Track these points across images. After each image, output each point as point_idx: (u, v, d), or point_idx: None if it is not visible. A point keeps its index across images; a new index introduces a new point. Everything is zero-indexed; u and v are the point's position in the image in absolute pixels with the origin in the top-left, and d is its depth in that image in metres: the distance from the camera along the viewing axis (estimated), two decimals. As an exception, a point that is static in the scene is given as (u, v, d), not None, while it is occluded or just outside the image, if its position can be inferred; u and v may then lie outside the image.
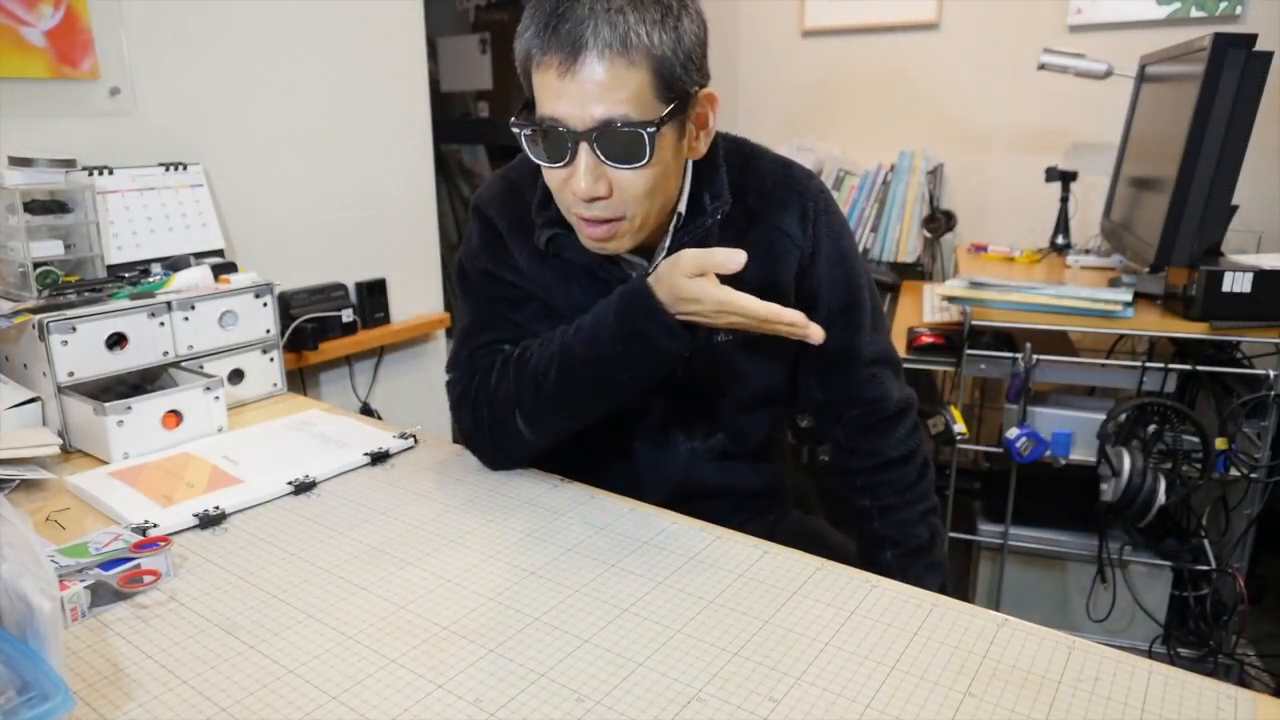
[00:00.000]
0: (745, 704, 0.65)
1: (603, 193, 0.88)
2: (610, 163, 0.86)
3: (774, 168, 1.06)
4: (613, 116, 0.84)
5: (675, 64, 0.85)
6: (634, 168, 0.86)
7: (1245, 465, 1.69)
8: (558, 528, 0.92)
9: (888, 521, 1.10)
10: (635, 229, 0.93)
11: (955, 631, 0.74)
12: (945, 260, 2.65)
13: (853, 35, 2.66)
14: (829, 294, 1.06)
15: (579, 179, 0.87)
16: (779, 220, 1.03)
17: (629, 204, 0.89)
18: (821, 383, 1.11)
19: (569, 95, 0.84)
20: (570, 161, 0.87)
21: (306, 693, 0.66)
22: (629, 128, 0.84)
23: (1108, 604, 1.88)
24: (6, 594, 0.62)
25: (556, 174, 0.90)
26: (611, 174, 0.87)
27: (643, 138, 0.84)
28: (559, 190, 0.92)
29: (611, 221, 0.91)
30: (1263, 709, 0.64)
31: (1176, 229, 1.61)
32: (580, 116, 0.84)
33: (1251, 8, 2.17)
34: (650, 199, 0.91)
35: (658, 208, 0.93)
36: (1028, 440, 1.78)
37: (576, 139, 0.85)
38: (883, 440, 1.11)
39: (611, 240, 0.93)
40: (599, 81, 0.82)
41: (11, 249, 1.22)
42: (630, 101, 0.83)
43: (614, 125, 0.84)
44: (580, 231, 0.94)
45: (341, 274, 1.92)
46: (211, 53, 1.62)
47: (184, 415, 1.18)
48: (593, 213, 0.90)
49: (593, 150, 0.85)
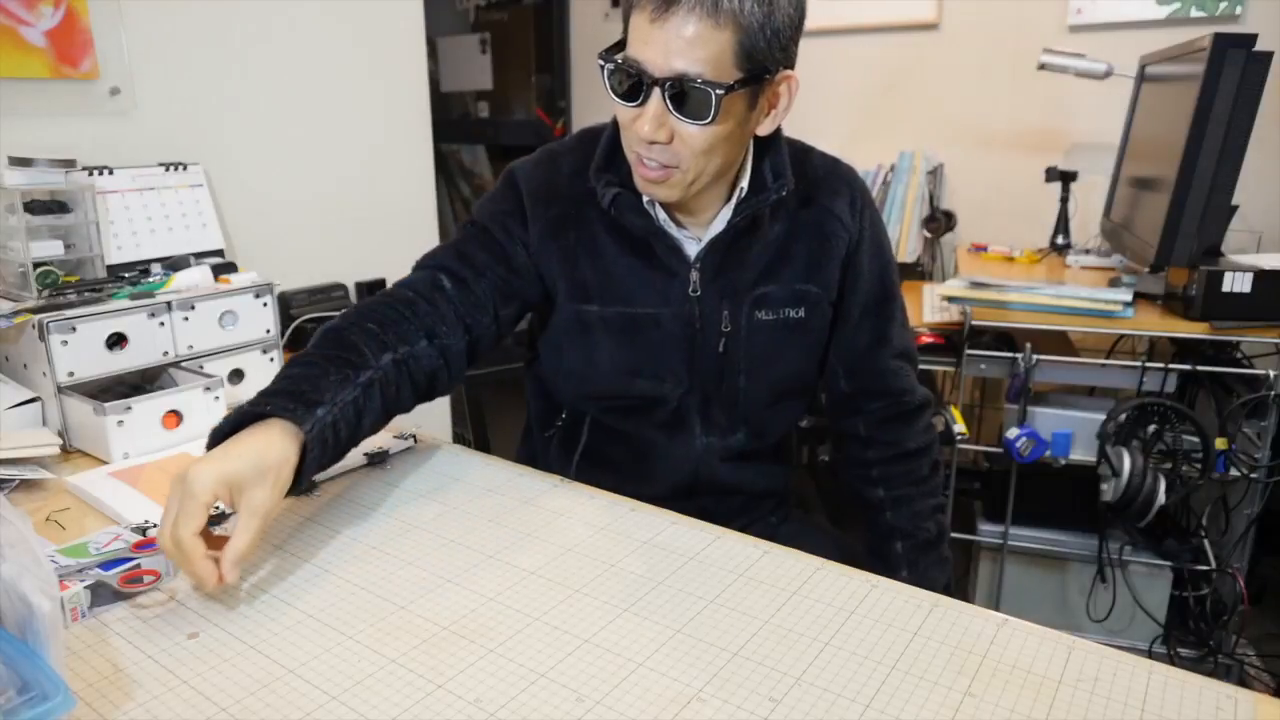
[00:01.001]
0: (745, 704, 0.65)
1: (663, 139, 0.91)
2: (676, 114, 0.90)
3: (824, 160, 1.11)
4: (688, 72, 0.87)
5: (760, 37, 0.88)
6: (697, 124, 0.90)
7: (1245, 465, 1.69)
8: (558, 528, 0.92)
9: (900, 513, 1.13)
10: (687, 182, 0.95)
11: (955, 631, 0.74)
12: (945, 260, 2.65)
13: (853, 35, 2.66)
14: (868, 284, 1.10)
15: (645, 121, 0.90)
16: (831, 204, 1.07)
17: (685, 157, 0.93)
18: (850, 373, 1.13)
19: (654, 42, 0.87)
20: (642, 104, 0.90)
21: (306, 693, 0.66)
22: (700, 86, 0.87)
23: (1108, 604, 1.88)
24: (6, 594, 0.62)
25: (627, 111, 0.93)
26: (675, 124, 0.91)
27: (710, 98, 0.87)
28: (626, 127, 0.95)
29: (667, 168, 0.94)
30: (1263, 709, 0.64)
31: (1176, 229, 1.61)
32: (659, 64, 0.87)
33: (1251, 8, 2.17)
34: (706, 158, 0.94)
35: (713, 169, 0.96)
36: (1028, 440, 1.78)
37: (651, 84, 0.89)
38: (903, 431, 1.14)
39: (661, 185, 0.96)
40: (683, 36, 0.86)
41: (11, 249, 1.22)
42: (708, 61, 0.86)
43: (687, 80, 0.87)
44: (635, 170, 0.97)
45: (341, 274, 1.92)
46: (211, 53, 1.62)
47: (184, 415, 1.18)
48: (651, 154, 0.93)
49: (663, 98, 0.89)
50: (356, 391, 0.90)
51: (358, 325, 0.96)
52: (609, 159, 1.04)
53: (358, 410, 0.90)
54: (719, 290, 1.05)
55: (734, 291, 1.05)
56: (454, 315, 1.02)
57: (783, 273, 1.06)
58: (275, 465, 0.79)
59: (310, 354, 0.93)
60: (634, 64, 0.89)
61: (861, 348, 1.11)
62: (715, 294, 1.05)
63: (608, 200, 1.01)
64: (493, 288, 1.04)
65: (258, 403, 0.83)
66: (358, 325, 0.96)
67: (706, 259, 1.04)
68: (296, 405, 0.83)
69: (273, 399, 0.84)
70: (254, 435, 0.80)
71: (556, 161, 1.07)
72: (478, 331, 1.04)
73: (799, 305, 1.06)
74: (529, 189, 1.06)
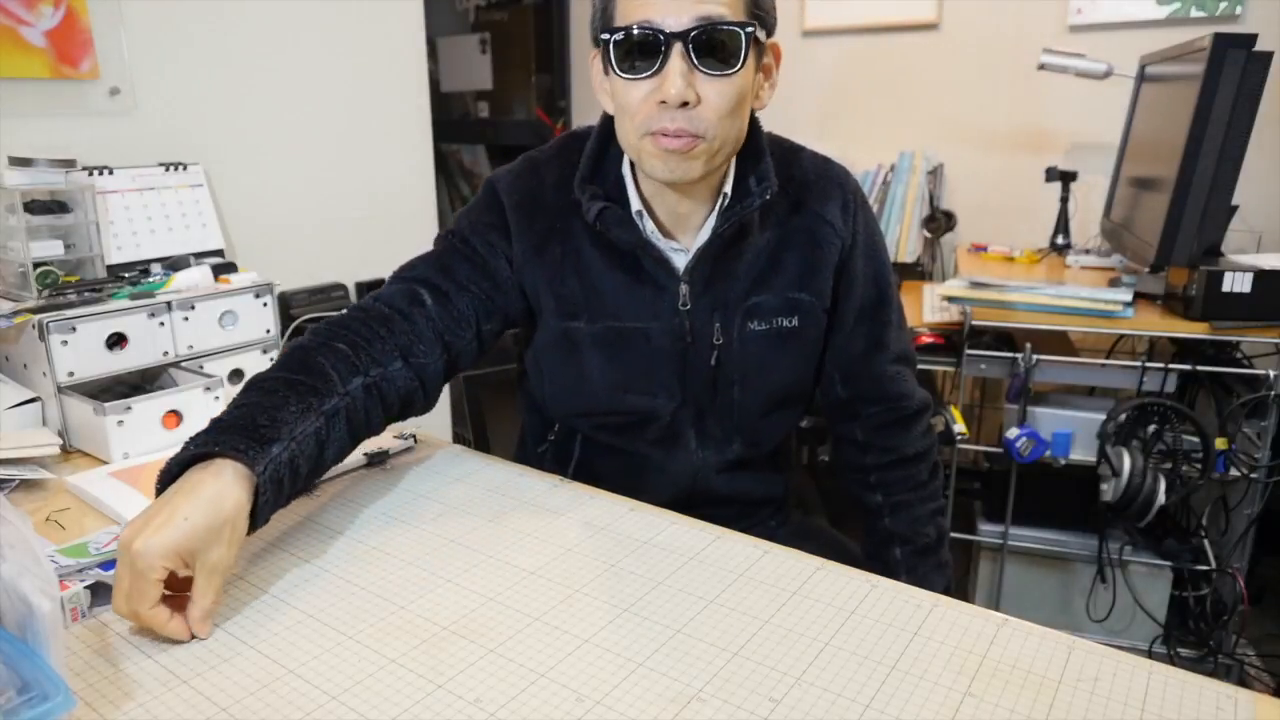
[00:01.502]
0: (745, 704, 0.65)
1: (693, 99, 0.86)
2: (702, 68, 0.86)
3: (814, 161, 1.07)
4: (711, 15, 0.84)
5: None
6: (726, 74, 0.86)
7: (1245, 465, 1.69)
8: (558, 528, 0.92)
9: (899, 518, 1.11)
10: (712, 152, 0.91)
11: (955, 631, 0.74)
12: (945, 260, 2.65)
13: (853, 35, 2.66)
14: (863, 288, 1.07)
15: (670, 83, 0.85)
16: (822, 209, 1.04)
17: (710, 122, 0.88)
18: (846, 379, 1.11)
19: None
20: (660, 68, 0.86)
21: (306, 693, 0.66)
22: (728, 25, 0.84)
23: (1108, 604, 1.88)
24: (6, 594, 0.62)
25: (638, 87, 0.88)
26: (700, 84, 0.86)
27: (740, 38, 0.85)
28: (637, 107, 0.89)
29: (694, 137, 0.89)
30: (1263, 709, 0.64)
31: (1176, 229, 1.61)
32: (677, 16, 0.84)
33: (1251, 8, 2.17)
34: (731, 120, 0.90)
35: (733, 137, 0.92)
36: (1028, 440, 1.78)
37: (670, 41, 0.84)
38: (901, 437, 1.12)
39: (687, 157, 0.90)
40: None
41: (11, 249, 1.22)
42: (726, 4, 0.84)
43: (713, 23, 0.84)
44: (651, 154, 0.91)
45: (341, 274, 1.92)
46: (211, 53, 1.62)
47: (184, 415, 1.18)
48: (677, 124, 0.87)
49: (686, 53, 0.85)
50: (319, 421, 0.84)
51: (328, 345, 0.91)
52: (594, 168, 1.00)
53: (319, 442, 0.85)
54: (709, 303, 1.02)
55: (725, 303, 1.02)
56: (433, 333, 0.98)
57: (774, 281, 1.03)
58: (229, 519, 0.73)
59: (272, 377, 0.87)
60: (647, 25, 0.85)
61: (857, 353, 1.09)
62: (706, 307, 1.02)
63: (593, 214, 0.97)
64: (475, 303, 1.01)
65: (207, 440, 0.77)
66: (328, 345, 0.91)
67: (695, 271, 1.00)
68: (249, 443, 0.77)
69: (224, 435, 0.77)
70: (204, 483, 0.74)
71: (539, 171, 1.03)
72: (457, 349, 1.00)
73: (792, 314, 1.04)
74: (512, 202, 1.02)
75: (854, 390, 1.11)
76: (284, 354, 0.91)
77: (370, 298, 1.00)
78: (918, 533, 1.11)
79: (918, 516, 1.12)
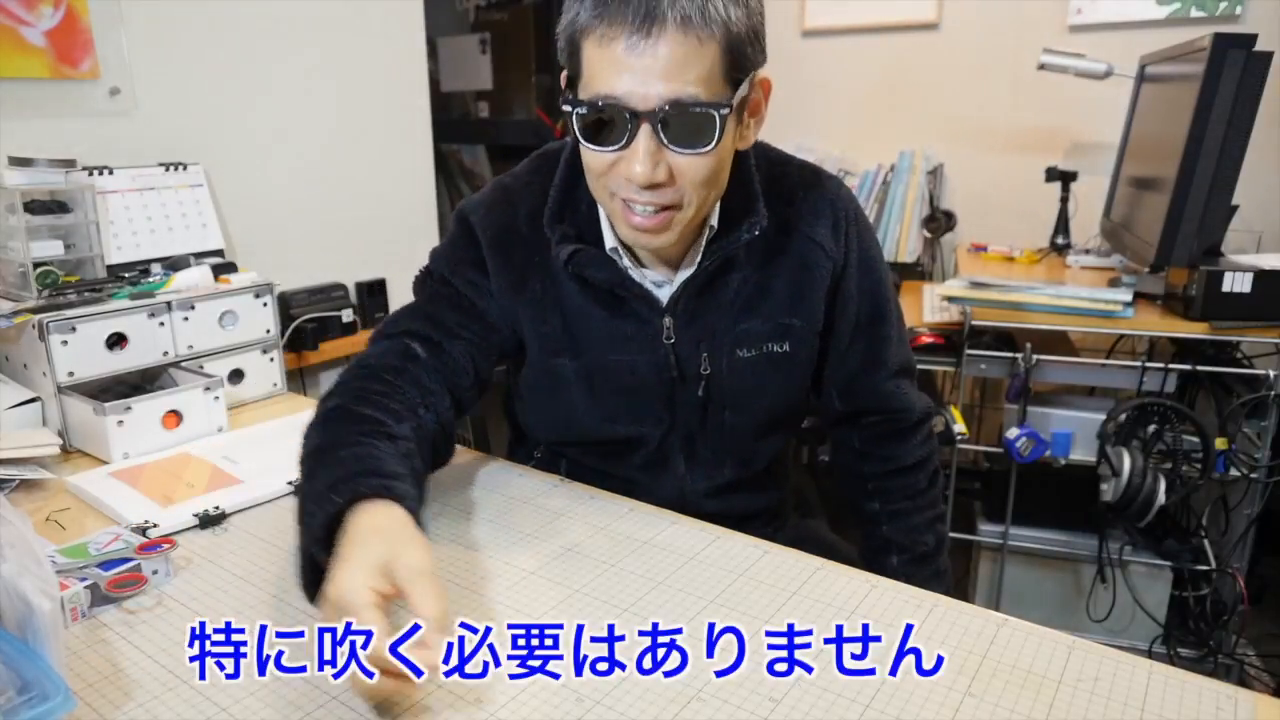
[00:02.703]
0: (745, 704, 0.65)
1: (662, 178, 0.81)
2: (673, 146, 0.79)
3: (802, 174, 1.01)
4: (682, 97, 0.77)
5: (745, 41, 0.79)
6: (698, 153, 0.80)
7: (1245, 465, 1.69)
8: (558, 528, 0.92)
9: (896, 526, 1.10)
10: (688, 219, 0.86)
11: (955, 631, 0.74)
12: (945, 260, 2.65)
13: (853, 35, 2.65)
14: (858, 306, 1.03)
15: (637, 164, 0.79)
16: (812, 231, 0.98)
17: (686, 192, 0.83)
18: (844, 394, 1.08)
19: (635, 71, 0.76)
20: (626, 145, 0.80)
21: (306, 693, 0.66)
22: (700, 109, 0.78)
23: (1108, 604, 1.88)
24: (6, 594, 0.62)
25: (602, 157, 0.82)
26: (671, 159, 0.81)
27: (714, 120, 0.78)
28: (603, 174, 0.84)
29: (667, 210, 0.84)
30: (1262, 709, 0.64)
31: (1176, 229, 1.61)
32: (644, 95, 0.77)
33: (1251, 8, 2.17)
34: (708, 187, 0.85)
35: (713, 198, 0.88)
36: (1028, 440, 1.78)
37: (638, 120, 0.78)
38: (900, 447, 1.10)
39: (663, 232, 0.86)
40: (672, 58, 0.75)
41: (11, 249, 1.22)
42: (701, 81, 0.77)
43: (683, 106, 0.77)
44: (622, 220, 0.86)
45: (341, 274, 1.92)
46: (211, 53, 1.62)
47: (184, 415, 1.18)
48: (645, 198, 0.82)
49: (655, 133, 0.78)
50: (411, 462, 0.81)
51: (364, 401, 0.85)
52: (562, 205, 0.94)
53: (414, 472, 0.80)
54: (695, 335, 0.97)
55: (712, 334, 0.97)
56: (438, 384, 0.93)
57: (763, 307, 0.98)
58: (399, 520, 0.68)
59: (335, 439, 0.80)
60: (610, 101, 0.78)
61: (854, 370, 1.06)
62: (691, 339, 0.97)
63: (564, 257, 0.92)
64: (469, 347, 0.96)
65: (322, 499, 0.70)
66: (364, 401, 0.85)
67: (679, 304, 0.96)
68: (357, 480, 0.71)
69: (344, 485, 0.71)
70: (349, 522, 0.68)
71: (512, 202, 0.97)
72: (459, 395, 0.96)
73: (783, 340, 0.99)
74: (487, 238, 0.96)
75: (852, 405, 1.09)
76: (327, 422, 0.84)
77: (358, 362, 0.93)
78: (915, 541, 1.09)
79: (915, 525, 1.09)
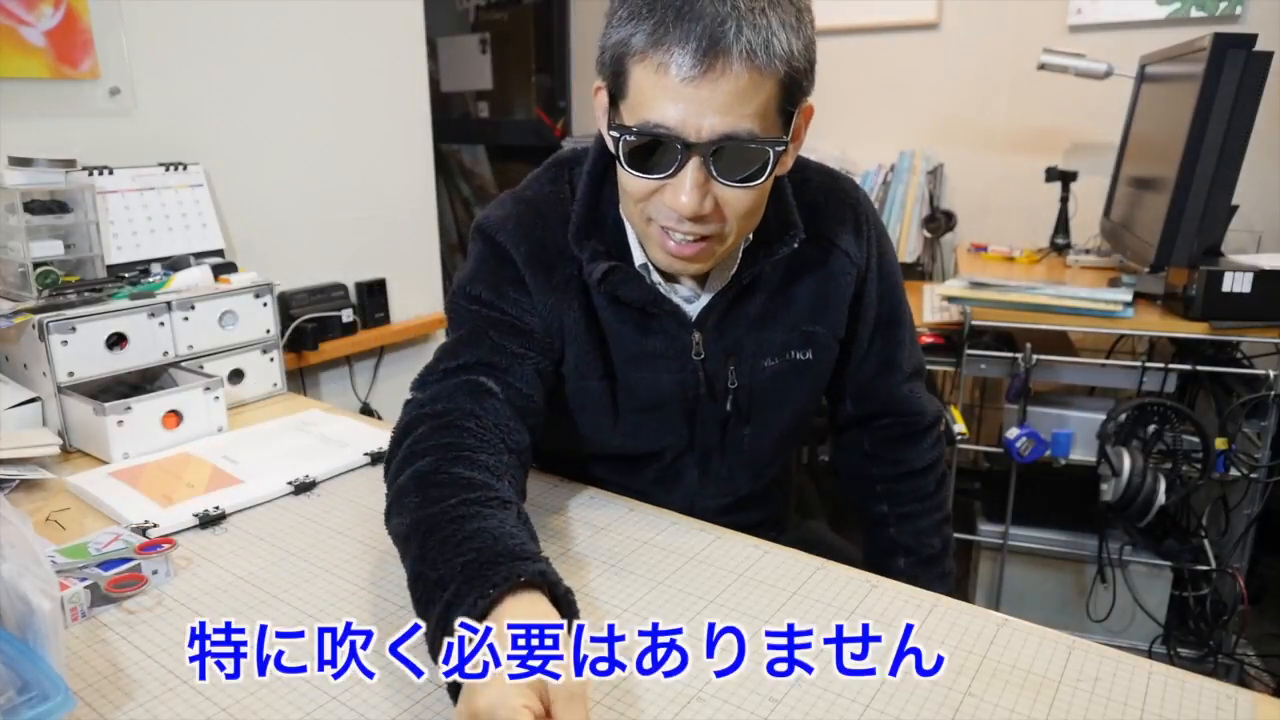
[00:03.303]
0: (745, 704, 0.65)
1: (708, 210, 0.78)
2: (722, 180, 0.76)
3: (821, 178, 0.99)
4: (738, 131, 0.73)
5: (803, 75, 0.76)
6: (747, 187, 0.77)
7: (1245, 465, 1.69)
8: (558, 528, 0.92)
9: (904, 529, 1.09)
10: (724, 248, 0.84)
11: (955, 631, 0.74)
12: (945, 260, 2.65)
13: (853, 35, 2.65)
14: (876, 311, 1.02)
15: (683, 194, 0.76)
16: (836, 238, 0.97)
17: (728, 224, 0.81)
18: (858, 398, 1.07)
19: (691, 101, 0.72)
20: (674, 174, 0.76)
21: (306, 693, 0.66)
22: (756, 144, 0.75)
23: (1108, 604, 1.88)
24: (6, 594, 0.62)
25: (645, 184, 0.78)
26: (718, 191, 0.78)
27: (768, 156, 0.76)
28: (643, 199, 0.80)
29: (706, 240, 0.81)
30: (1262, 709, 0.64)
31: (1176, 229, 1.61)
32: (699, 127, 0.73)
33: (1251, 8, 2.17)
34: (751, 218, 0.83)
35: (750, 227, 0.86)
36: (1028, 440, 1.78)
37: (690, 151, 0.75)
38: (911, 450, 1.09)
39: (701, 261, 0.83)
40: (732, 91, 0.72)
41: (11, 249, 1.22)
42: (757, 116, 0.74)
43: (739, 141, 0.74)
44: (657, 245, 0.83)
45: (341, 274, 1.92)
46: (211, 53, 1.62)
47: (184, 415, 1.18)
48: (688, 229, 0.79)
49: (705, 165, 0.75)
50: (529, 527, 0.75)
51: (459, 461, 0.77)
52: (588, 221, 0.90)
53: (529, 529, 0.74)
54: (723, 349, 0.95)
55: (740, 346, 0.95)
56: (514, 418, 0.86)
57: (785, 315, 0.96)
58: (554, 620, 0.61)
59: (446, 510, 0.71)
60: (664, 131, 0.74)
61: (870, 374, 1.05)
62: (720, 353, 0.95)
63: (598, 276, 0.88)
64: (533, 371, 0.90)
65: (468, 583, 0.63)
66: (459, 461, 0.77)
67: (709, 319, 0.93)
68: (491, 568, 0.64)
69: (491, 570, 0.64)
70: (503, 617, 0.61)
71: (538, 214, 0.92)
72: (531, 423, 0.89)
73: (806, 347, 0.97)
74: (522, 256, 0.91)
75: (865, 408, 1.08)
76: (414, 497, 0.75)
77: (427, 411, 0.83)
78: (923, 543, 1.09)
79: (923, 528, 1.09)
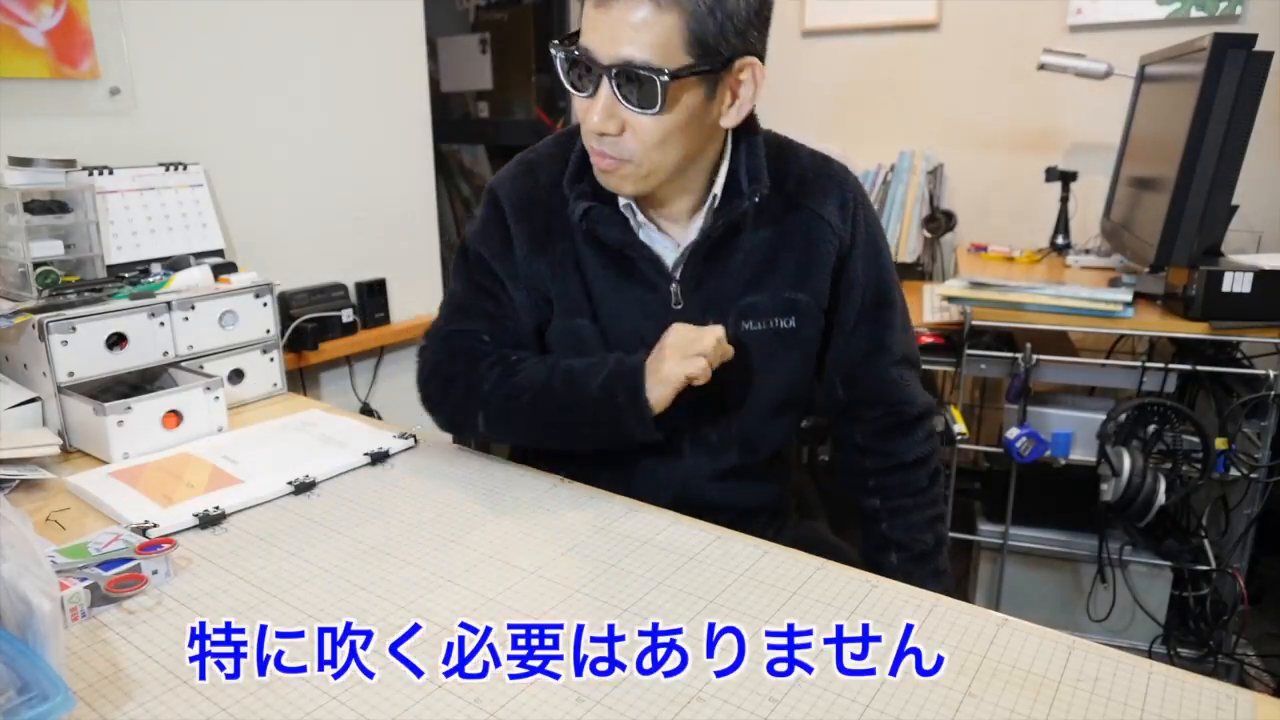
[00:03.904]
0: (745, 704, 0.65)
1: (612, 130, 0.89)
2: (625, 104, 0.87)
3: (812, 159, 1.06)
4: (634, 59, 0.84)
5: (710, 20, 0.85)
6: (647, 113, 0.87)
7: (1245, 465, 1.69)
8: (558, 528, 0.92)
9: (896, 524, 1.09)
10: (641, 175, 0.93)
11: (955, 631, 0.74)
12: (945, 260, 2.65)
13: (853, 35, 2.65)
14: (863, 289, 1.06)
15: (594, 112, 0.88)
16: (819, 208, 1.03)
17: (636, 150, 0.90)
18: (847, 382, 1.10)
19: (600, 27, 0.85)
20: (593, 94, 0.88)
21: (306, 693, 0.66)
22: (644, 71, 0.84)
23: (1108, 604, 1.88)
24: (6, 594, 0.62)
25: (581, 103, 0.91)
26: (625, 115, 0.88)
27: (655, 84, 0.85)
28: (581, 119, 0.92)
29: (621, 161, 0.91)
30: (1262, 709, 0.64)
31: (1176, 229, 1.61)
32: (606, 51, 0.85)
33: (1251, 8, 2.17)
34: (661, 151, 0.91)
35: (670, 162, 0.93)
36: (1028, 440, 1.78)
37: (600, 72, 0.86)
38: (902, 443, 1.10)
39: (614, 176, 0.93)
40: (626, 20, 0.84)
41: (11, 249, 1.22)
42: (654, 46, 0.84)
43: (631, 66, 0.85)
44: (593, 162, 0.95)
45: (341, 274, 1.92)
46: (211, 53, 1.62)
47: (184, 415, 1.18)
48: (600, 146, 0.91)
49: (612, 87, 0.87)
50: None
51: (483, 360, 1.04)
52: (582, 168, 1.00)
53: None
54: (701, 302, 1.01)
55: (718, 302, 1.01)
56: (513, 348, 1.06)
57: (769, 281, 1.02)
58: None
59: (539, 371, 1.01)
60: (583, 52, 0.87)
61: (859, 356, 1.08)
62: (698, 306, 1.01)
63: (579, 214, 0.98)
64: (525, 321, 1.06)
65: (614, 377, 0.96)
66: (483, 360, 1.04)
67: (686, 270, 1.00)
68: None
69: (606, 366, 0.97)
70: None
71: (534, 172, 1.04)
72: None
73: (789, 314, 1.03)
74: (511, 206, 1.03)
75: (854, 393, 1.10)
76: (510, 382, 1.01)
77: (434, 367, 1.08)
78: (914, 539, 1.09)
79: (915, 523, 1.09)
